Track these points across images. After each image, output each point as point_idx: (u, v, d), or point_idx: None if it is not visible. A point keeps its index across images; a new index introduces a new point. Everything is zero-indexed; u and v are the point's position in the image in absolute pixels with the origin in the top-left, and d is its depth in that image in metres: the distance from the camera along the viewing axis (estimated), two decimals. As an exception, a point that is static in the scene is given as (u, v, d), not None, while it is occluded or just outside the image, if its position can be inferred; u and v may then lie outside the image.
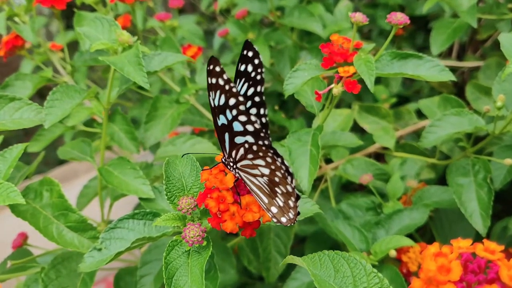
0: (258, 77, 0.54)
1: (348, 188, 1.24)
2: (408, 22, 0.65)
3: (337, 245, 1.00)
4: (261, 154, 0.50)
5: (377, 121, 1.06)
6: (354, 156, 0.97)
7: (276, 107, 1.32)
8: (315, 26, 1.08)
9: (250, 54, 0.53)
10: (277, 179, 0.50)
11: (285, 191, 0.51)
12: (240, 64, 0.54)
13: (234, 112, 0.50)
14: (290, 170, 0.50)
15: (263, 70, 0.54)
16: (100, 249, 0.57)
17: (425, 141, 0.80)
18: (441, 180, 0.96)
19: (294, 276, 0.81)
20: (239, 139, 0.52)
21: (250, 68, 0.54)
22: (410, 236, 0.78)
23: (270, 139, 0.54)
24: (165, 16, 1.18)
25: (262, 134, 0.51)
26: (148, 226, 0.58)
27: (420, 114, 1.11)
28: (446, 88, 1.27)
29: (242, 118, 0.50)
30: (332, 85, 0.69)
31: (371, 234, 0.80)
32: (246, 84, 0.54)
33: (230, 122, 0.51)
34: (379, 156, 1.20)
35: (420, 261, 0.78)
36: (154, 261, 0.72)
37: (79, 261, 0.60)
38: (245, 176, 0.53)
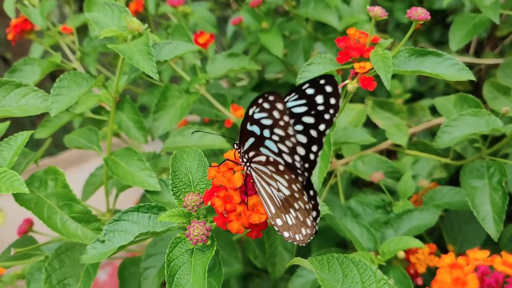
0: (327, 116, 0.48)
1: (357, 183, 1.22)
2: (429, 18, 0.62)
3: (344, 242, 0.98)
4: (286, 177, 0.47)
5: (390, 117, 1.04)
6: (366, 153, 0.95)
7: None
8: (331, 18, 1.05)
9: (329, 89, 0.47)
10: (296, 205, 0.49)
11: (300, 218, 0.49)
12: (308, 86, 0.47)
13: (276, 138, 0.46)
14: (320, 208, 0.49)
15: (336, 114, 0.48)
16: (103, 241, 0.56)
17: (439, 141, 0.77)
18: (453, 179, 0.94)
19: (300, 273, 0.80)
20: (265, 151, 0.48)
21: (319, 99, 0.47)
22: (419, 236, 0.76)
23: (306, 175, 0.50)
24: (178, 1, 1.16)
25: (298, 171, 0.48)
26: (153, 220, 0.57)
27: (434, 111, 1.08)
28: (462, 85, 1.24)
29: (283, 148, 0.47)
30: (347, 81, 0.67)
31: (379, 233, 0.79)
32: (304, 108, 0.48)
33: (264, 138, 0.47)
34: (391, 153, 1.18)
35: (429, 263, 0.77)
36: (159, 254, 0.71)
37: (83, 251, 0.59)
38: (257, 178, 0.50)
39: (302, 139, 0.49)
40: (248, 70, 1.00)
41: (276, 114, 0.44)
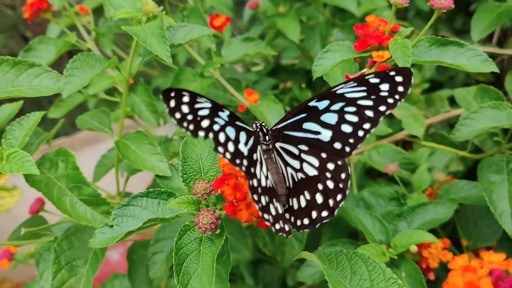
0: (390, 100, 0.50)
1: (371, 172, 1.20)
2: (453, 6, 0.60)
3: (356, 232, 0.97)
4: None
5: (407, 106, 1.02)
6: (381, 143, 0.93)
7: (303, 85, 1.28)
8: (349, 4, 1.03)
9: (399, 79, 0.50)
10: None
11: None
12: (373, 76, 0.50)
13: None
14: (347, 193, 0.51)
15: (402, 100, 0.50)
16: (111, 226, 0.55)
17: (458, 134, 0.75)
18: (470, 173, 0.92)
19: (309, 263, 0.80)
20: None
21: (385, 87, 0.50)
22: (432, 229, 0.75)
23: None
24: (194, -17, 1.14)
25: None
26: (162, 206, 0.56)
27: (453, 102, 1.06)
28: (483, 76, 1.21)
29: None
30: (364, 70, 0.65)
31: (392, 226, 0.77)
32: (361, 93, 0.51)
33: None
34: (407, 143, 1.16)
35: (442, 258, 0.75)
36: (167, 239, 0.71)
37: (92, 233, 0.58)
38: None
39: (353, 119, 0.51)
40: (263, 55, 0.98)
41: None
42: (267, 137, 0.53)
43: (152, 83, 1.32)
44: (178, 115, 0.45)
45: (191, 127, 0.45)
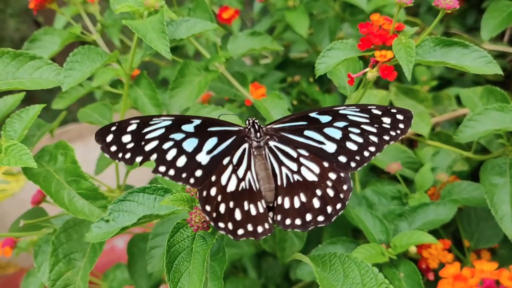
0: (392, 133, 0.53)
1: (376, 170, 1.19)
2: (457, 7, 0.59)
3: (358, 230, 0.97)
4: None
5: (415, 105, 1.01)
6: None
7: (311, 79, 1.27)
8: (359, -1, 1.02)
9: (400, 117, 0.53)
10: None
11: None
12: (377, 108, 0.53)
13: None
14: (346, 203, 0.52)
15: (403, 135, 0.53)
16: (107, 221, 0.55)
17: (461, 136, 0.74)
18: (475, 173, 0.91)
19: (308, 260, 0.79)
20: None
21: (387, 120, 0.53)
22: (434, 230, 0.74)
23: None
24: (203, -25, 1.13)
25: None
26: (158, 202, 0.56)
27: (461, 101, 1.04)
28: (493, 74, 1.19)
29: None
30: (367, 69, 0.64)
31: (393, 225, 0.77)
32: (364, 119, 0.53)
33: None
34: (412, 141, 1.15)
35: (442, 259, 0.75)
36: (166, 233, 0.70)
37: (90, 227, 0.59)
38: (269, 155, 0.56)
39: (358, 139, 0.53)
40: (270, 50, 0.98)
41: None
42: (258, 134, 0.54)
43: (160, 73, 1.32)
44: (113, 148, 0.49)
45: (128, 155, 0.49)
